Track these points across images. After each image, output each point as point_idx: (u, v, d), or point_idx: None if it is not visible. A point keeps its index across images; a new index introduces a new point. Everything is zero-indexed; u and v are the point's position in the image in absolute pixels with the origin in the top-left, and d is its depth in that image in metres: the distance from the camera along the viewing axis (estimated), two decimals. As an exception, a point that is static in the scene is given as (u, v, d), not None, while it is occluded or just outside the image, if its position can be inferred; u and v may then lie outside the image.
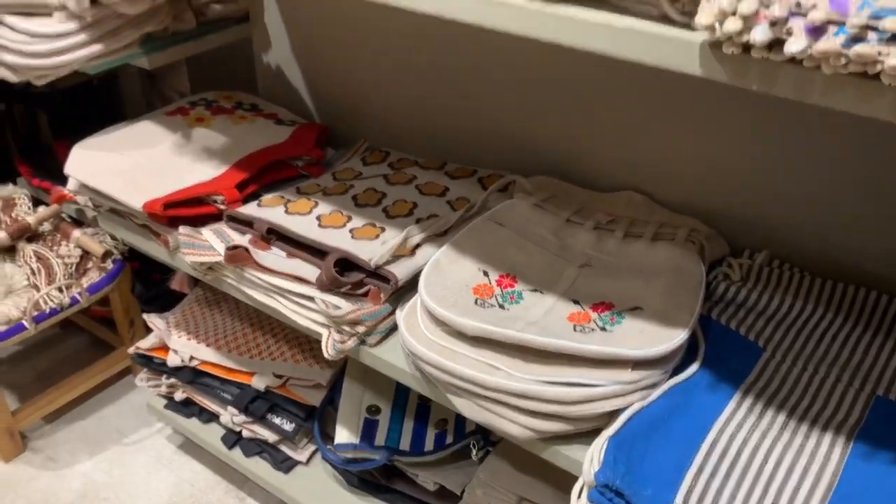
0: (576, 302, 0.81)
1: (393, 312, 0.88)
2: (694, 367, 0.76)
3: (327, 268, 0.87)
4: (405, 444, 1.08)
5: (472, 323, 0.75)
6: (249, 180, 1.05)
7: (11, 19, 0.99)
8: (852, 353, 0.79)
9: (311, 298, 0.89)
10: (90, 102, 1.56)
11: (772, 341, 0.81)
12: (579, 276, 0.86)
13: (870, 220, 0.83)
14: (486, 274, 0.85)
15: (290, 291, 0.90)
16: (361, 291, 0.88)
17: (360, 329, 0.86)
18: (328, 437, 1.16)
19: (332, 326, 0.87)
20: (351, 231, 0.94)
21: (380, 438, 1.08)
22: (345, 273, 0.89)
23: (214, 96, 1.24)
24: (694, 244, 0.87)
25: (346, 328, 0.86)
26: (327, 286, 0.87)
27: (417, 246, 0.91)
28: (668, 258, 0.85)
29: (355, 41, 1.15)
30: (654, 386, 0.74)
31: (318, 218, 0.96)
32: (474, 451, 1.04)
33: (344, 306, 0.86)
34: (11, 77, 1.03)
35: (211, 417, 1.27)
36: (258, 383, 1.16)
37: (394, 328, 0.88)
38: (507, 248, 0.88)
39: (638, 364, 0.72)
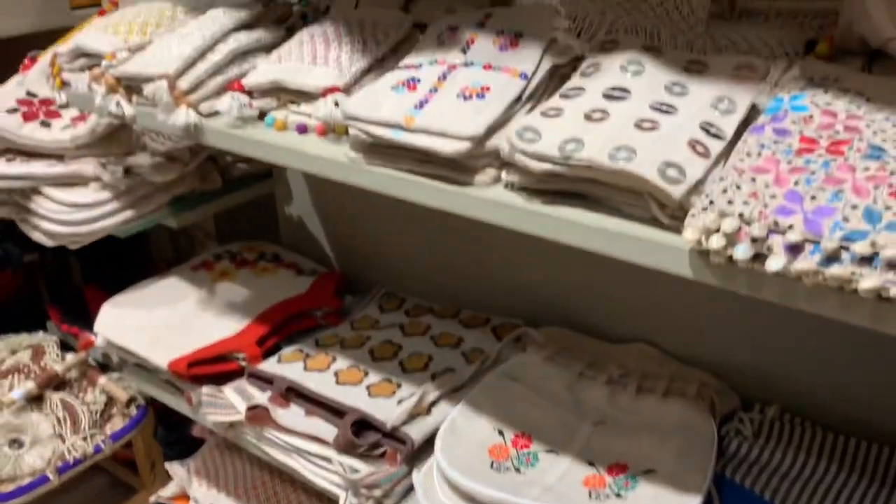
0: (591, 464, 0.82)
1: (409, 473, 0.89)
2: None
3: (344, 430, 0.89)
4: None
5: (488, 491, 0.76)
6: (270, 334, 1.09)
7: (51, 191, 1.06)
8: (866, 511, 0.78)
9: (328, 459, 0.90)
10: (120, 247, 1.63)
11: (788, 499, 0.80)
12: (593, 434, 0.87)
13: (881, 374, 0.84)
14: (501, 433, 0.87)
15: (308, 452, 0.92)
16: (378, 452, 0.89)
17: (377, 492, 0.87)
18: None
19: (350, 489, 0.88)
20: (368, 388, 0.96)
21: None
22: (362, 432, 0.90)
23: (238, 248, 1.29)
24: (704, 399, 0.89)
25: (364, 491, 0.87)
26: (344, 448, 0.89)
27: (433, 404, 0.93)
28: (680, 415, 0.86)
29: (372, 195, 1.20)
30: (671, 555, 0.74)
31: (336, 374, 0.99)
32: None
33: (361, 469, 0.87)
34: (47, 242, 1.10)
35: (230, 567, 1.26)
36: (277, 533, 1.16)
37: (411, 488, 0.89)
38: (521, 406, 0.90)
39: (653, 534, 0.73)
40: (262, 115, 0.82)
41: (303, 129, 0.77)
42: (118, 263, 1.50)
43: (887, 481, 0.81)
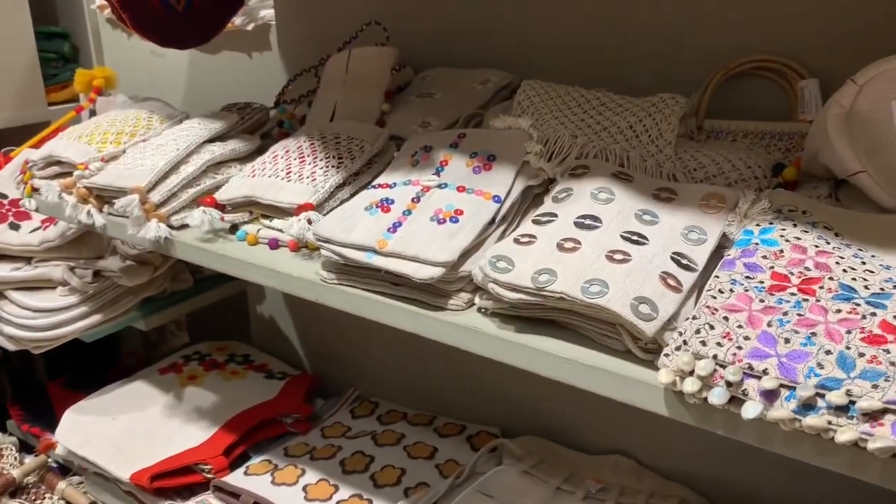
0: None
1: None
2: None
3: (313, 552, 0.85)
4: None
5: None
6: (238, 442, 1.05)
7: (16, 295, 1.04)
8: None
9: (296, 582, 0.86)
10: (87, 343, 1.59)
11: None
12: (570, 555, 0.84)
13: (866, 491, 0.83)
14: (475, 554, 0.84)
15: (275, 574, 0.88)
16: (348, 575, 0.86)
17: None
18: None
19: None
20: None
21: None
22: (331, 554, 0.87)
23: (208, 349, 1.27)
24: (684, 517, 0.86)
25: None
26: (313, 570, 0.85)
27: (406, 522, 0.90)
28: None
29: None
30: None
31: (305, 489, 0.96)
32: None
33: None
34: (10, 346, 1.06)
35: None
36: None
37: None
38: (495, 525, 0.87)
39: None
40: (233, 227, 0.81)
41: (274, 245, 0.77)
42: (84, 360, 1.46)
43: None
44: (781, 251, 0.56)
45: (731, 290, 0.53)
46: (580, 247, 0.59)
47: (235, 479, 0.98)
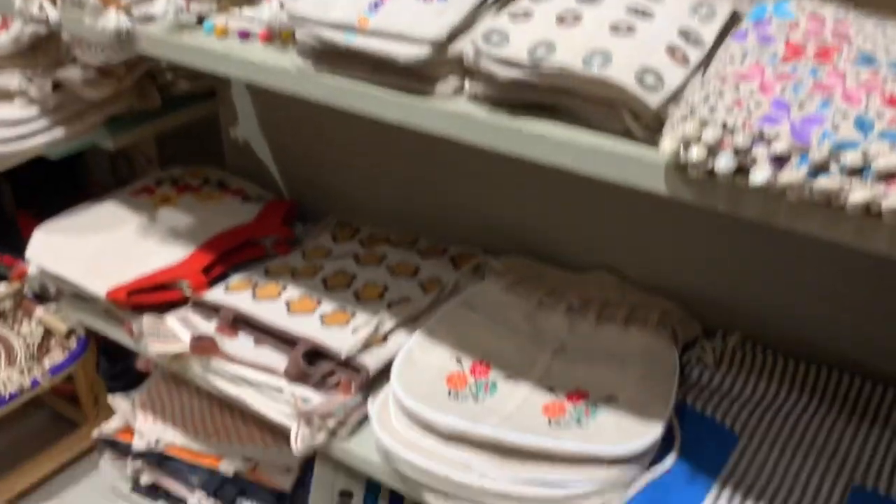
0: (551, 390, 0.80)
1: (365, 402, 0.86)
2: (670, 460, 0.75)
3: (296, 360, 0.85)
4: (379, 530, 1.05)
5: (446, 420, 0.74)
6: (216, 262, 1.03)
7: (-29, 106, 0.98)
8: (828, 439, 0.78)
9: (279, 390, 0.87)
10: (55, 171, 1.53)
11: (747, 428, 0.80)
12: (553, 362, 0.85)
13: (845, 300, 0.83)
14: (459, 362, 0.84)
15: (258, 382, 0.88)
16: (332, 382, 0.86)
17: (331, 423, 0.84)
18: (301, 521, 1.12)
19: (302, 419, 0.85)
20: (321, 317, 0.92)
21: (353, 525, 1.05)
22: (315, 362, 0.87)
23: (181, 173, 1.22)
24: (666, 328, 0.87)
25: (317, 421, 0.84)
26: (295, 377, 0.85)
27: (389, 333, 0.89)
28: (641, 343, 0.85)
29: (323, 116, 1.14)
30: (631, 482, 0.72)
31: (288, 303, 0.95)
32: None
33: (314, 398, 0.84)
34: (-30, 163, 1.01)
35: (178, 502, 1.23)
36: (227, 467, 1.13)
37: (366, 418, 0.86)
38: (479, 334, 0.87)
39: (615, 461, 0.71)
40: (200, 20, 0.75)
41: (245, 35, 0.71)
42: (53, 188, 1.41)
43: (846, 407, 0.81)
44: (797, 22, 0.52)
45: (743, 61, 0.50)
46: (581, 20, 0.55)
47: (215, 295, 0.97)
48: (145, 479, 1.23)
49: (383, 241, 1.10)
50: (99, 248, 1.04)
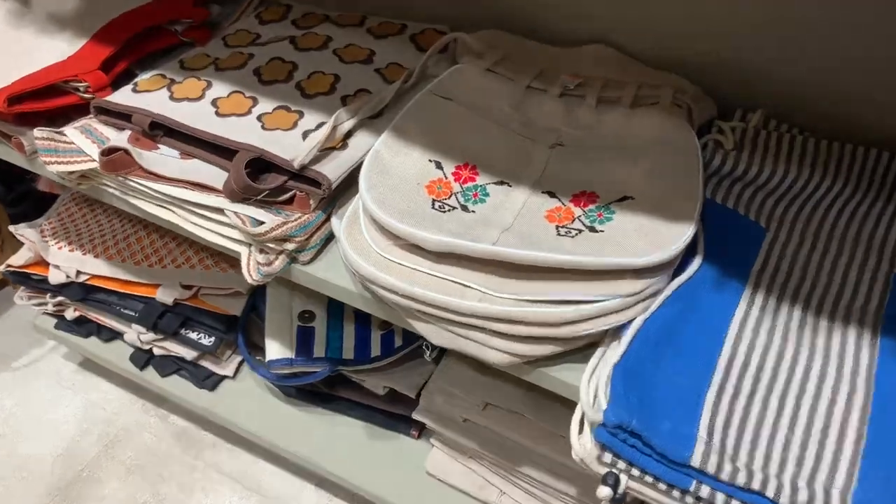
0: (552, 195, 0.67)
1: (328, 219, 0.71)
2: (696, 263, 0.65)
3: (237, 172, 0.68)
4: (348, 351, 0.95)
5: (437, 238, 0.60)
6: (117, 56, 0.82)
7: None
8: (864, 225, 0.69)
9: (219, 210, 0.71)
10: None
11: (773, 218, 0.70)
12: (551, 158, 0.71)
13: (884, 61, 0.70)
14: (439, 166, 0.69)
15: (192, 202, 0.72)
16: (285, 198, 0.70)
17: (290, 246, 0.69)
18: (256, 347, 1.02)
19: (253, 244, 0.70)
20: (259, 118, 0.74)
21: (318, 349, 0.94)
22: (260, 175, 0.71)
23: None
24: (681, 108, 0.73)
25: (272, 245, 0.69)
26: (239, 195, 0.69)
27: (349, 134, 0.73)
28: (654, 129, 0.71)
29: None
30: (657, 293, 0.62)
31: (215, 103, 0.76)
32: (428, 353, 0.93)
33: (266, 220, 0.69)
34: None
35: (113, 335, 1.10)
36: (164, 296, 0.99)
37: (331, 237, 0.72)
38: (460, 130, 0.72)
39: (640, 271, 0.60)
40: None
41: None
42: None
43: (885, 190, 0.71)
44: None
45: None
46: None
47: (123, 96, 0.77)
48: (70, 314, 1.08)
49: (323, 20, 0.90)
50: (-42, 43, 0.81)
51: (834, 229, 0.69)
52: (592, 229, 0.63)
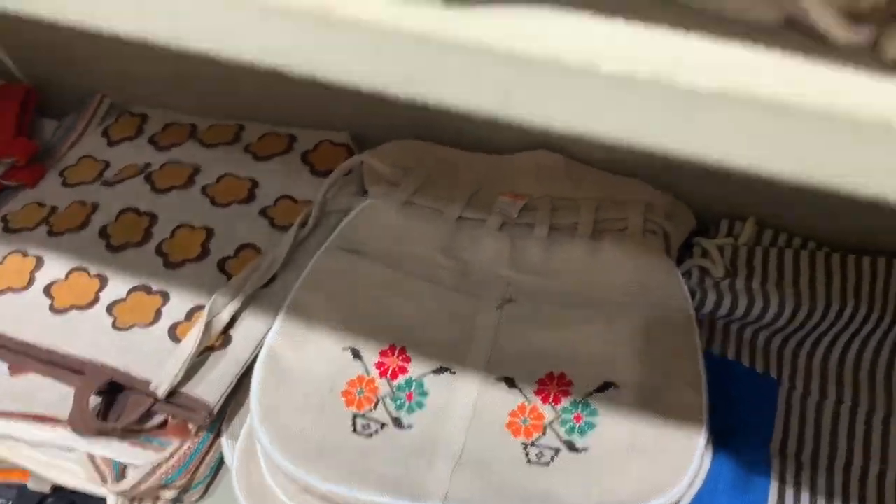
0: (510, 383, 0.51)
1: (218, 437, 0.54)
2: (706, 462, 0.49)
3: (81, 410, 0.50)
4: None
5: (366, 499, 0.44)
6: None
7: None
8: (893, 359, 0.55)
9: (69, 449, 0.52)
10: None
11: (784, 362, 0.56)
12: (501, 323, 0.54)
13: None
14: (357, 355, 0.52)
15: (32, 440, 0.53)
16: (156, 423, 0.52)
17: (168, 494, 0.51)
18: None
19: (118, 497, 0.52)
20: (110, 310, 0.55)
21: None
22: (118, 396, 0.52)
23: None
24: (656, 233, 0.58)
25: (144, 498, 0.51)
26: (91, 431, 0.51)
27: (232, 321, 0.55)
28: (626, 271, 0.56)
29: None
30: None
31: (49, 291, 0.57)
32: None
33: (132, 459, 0.51)
34: None
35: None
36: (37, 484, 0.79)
37: (222, 462, 0.55)
38: (379, 298, 0.55)
39: (642, 506, 0.45)
40: None
41: None
42: None
43: (918, 314, 0.57)
44: None
45: None
46: None
47: (-83, 294, 0.57)
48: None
49: (188, 134, 0.70)
50: None
51: (858, 370, 0.55)
52: (571, 446, 0.47)
